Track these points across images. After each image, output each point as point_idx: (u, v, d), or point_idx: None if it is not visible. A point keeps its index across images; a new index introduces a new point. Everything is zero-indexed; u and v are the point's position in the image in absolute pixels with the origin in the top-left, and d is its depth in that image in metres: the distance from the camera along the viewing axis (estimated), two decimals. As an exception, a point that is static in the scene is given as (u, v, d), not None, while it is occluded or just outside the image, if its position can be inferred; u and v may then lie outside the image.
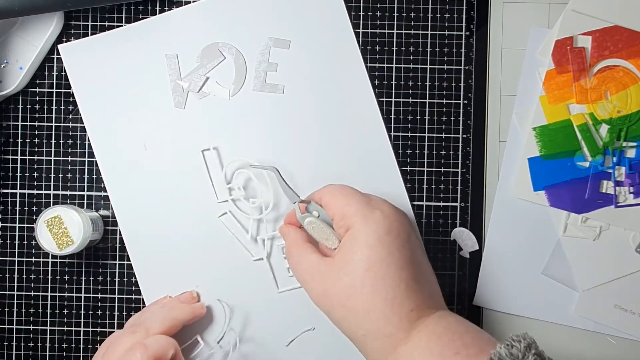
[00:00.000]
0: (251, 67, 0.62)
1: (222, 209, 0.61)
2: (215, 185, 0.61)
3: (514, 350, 0.45)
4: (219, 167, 0.61)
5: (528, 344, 0.46)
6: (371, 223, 0.51)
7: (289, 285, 0.61)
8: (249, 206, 0.61)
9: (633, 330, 0.61)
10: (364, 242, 0.50)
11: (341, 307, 0.51)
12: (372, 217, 0.51)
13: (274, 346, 0.61)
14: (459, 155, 0.62)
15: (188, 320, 0.59)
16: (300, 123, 0.62)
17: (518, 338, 0.46)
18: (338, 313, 0.51)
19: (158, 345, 0.54)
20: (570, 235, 0.61)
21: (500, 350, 0.45)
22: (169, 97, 0.62)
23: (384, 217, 0.51)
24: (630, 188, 0.60)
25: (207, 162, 0.61)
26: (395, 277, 0.50)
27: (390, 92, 0.62)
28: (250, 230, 0.61)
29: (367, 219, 0.51)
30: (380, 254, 0.50)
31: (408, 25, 0.62)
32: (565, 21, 0.60)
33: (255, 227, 0.61)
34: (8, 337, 0.62)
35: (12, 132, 0.63)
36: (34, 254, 0.62)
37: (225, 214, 0.61)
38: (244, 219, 0.61)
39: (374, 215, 0.51)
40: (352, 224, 0.51)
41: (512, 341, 0.46)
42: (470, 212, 0.62)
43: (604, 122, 0.60)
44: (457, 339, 0.48)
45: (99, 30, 0.62)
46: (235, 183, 0.61)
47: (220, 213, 0.61)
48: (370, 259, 0.50)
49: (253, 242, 0.61)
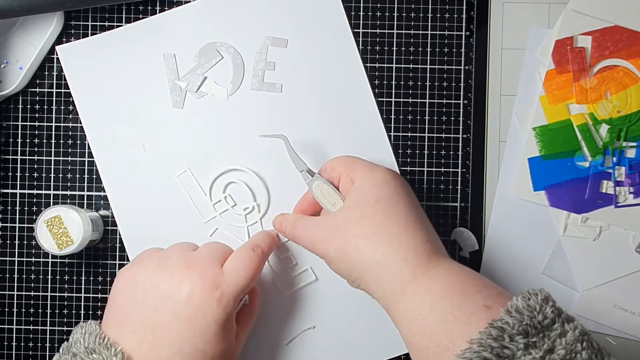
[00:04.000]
0: (249, 66, 0.62)
1: (214, 221, 0.62)
2: (198, 206, 0.61)
3: (531, 302, 0.44)
4: (198, 185, 0.62)
5: (545, 297, 0.45)
6: (377, 170, 0.53)
7: (295, 287, 0.61)
8: (239, 215, 0.61)
9: (633, 330, 0.60)
10: (372, 182, 0.52)
11: (353, 236, 0.50)
12: (377, 168, 0.53)
13: (274, 345, 0.61)
14: (459, 155, 0.62)
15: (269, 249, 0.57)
16: (298, 122, 0.62)
17: (534, 291, 0.45)
18: (351, 246, 0.50)
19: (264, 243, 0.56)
20: (570, 235, 0.61)
21: (517, 302, 0.44)
22: (167, 97, 0.62)
23: (388, 170, 0.54)
24: (630, 188, 0.60)
25: (184, 185, 0.62)
26: (405, 210, 0.51)
27: (390, 92, 0.62)
28: (247, 239, 0.61)
29: (373, 169, 0.53)
30: (389, 192, 0.51)
31: (408, 25, 0.62)
32: (565, 21, 0.60)
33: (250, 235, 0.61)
34: (8, 337, 0.62)
35: (12, 132, 0.63)
36: (34, 254, 0.62)
37: (217, 229, 0.62)
38: (236, 230, 0.62)
39: (379, 168, 0.53)
40: (358, 175, 0.53)
41: (529, 294, 0.45)
42: (470, 212, 0.62)
43: (604, 122, 0.60)
44: (476, 277, 0.48)
45: (98, 30, 0.62)
46: (218, 197, 0.61)
47: (211, 231, 0.62)
48: (379, 194, 0.51)
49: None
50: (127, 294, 0.51)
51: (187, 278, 0.51)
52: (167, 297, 0.50)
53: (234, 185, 0.61)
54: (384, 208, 0.50)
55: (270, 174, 0.62)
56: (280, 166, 0.61)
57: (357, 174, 0.53)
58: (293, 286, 0.61)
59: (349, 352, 0.61)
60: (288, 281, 0.61)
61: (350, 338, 0.61)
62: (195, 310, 0.50)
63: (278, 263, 0.61)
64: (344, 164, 0.55)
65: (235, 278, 0.52)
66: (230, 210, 0.61)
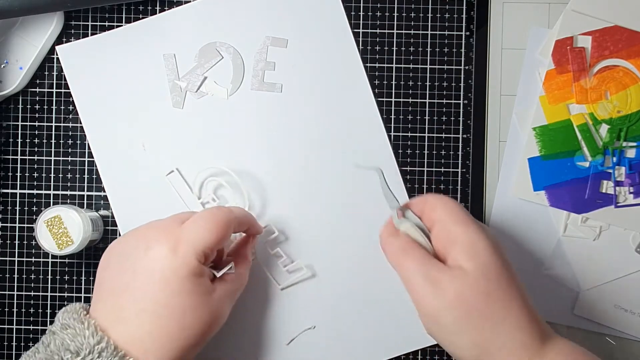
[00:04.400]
0: (249, 66, 0.62)
1: None
2: (189, 205, 0.61)
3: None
4: (186, 185, 0.62)
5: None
6: (480, 234, 0.50)
7: (288, 281, 0.61)
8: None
9: (633, 330, 0.60)
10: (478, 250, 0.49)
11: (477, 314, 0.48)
12: (479, 231, 0.50)
13: (274, 345, 0.61)
14: (459, 155, 0.62)
15: (242, 216, 0.56)
16: (298, 122, 0.62)
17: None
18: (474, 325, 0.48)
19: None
20: (570, 235, 0.61)
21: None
22: (167, 97, 0.62)
23: (489, 234, 0.51)
24: (630, 188, 0.60)
25: (174, 184, 0.61)
26: (520, 286, 0.49)
27: (390, 92, 0.62)
28: None
29: (474, 232, 0.50)
30: (497, 264, 0.49)
31: (408, 25, 0.62)
32: (565, 21, 0.60)
33: None
34: (8, 337, 0.62)
35: (12, 132, 0.63)
36: (34, 254, 0.62)
37: None
38: None
39: (481, 230, 0.50)
40: (457, 236, 0.50)
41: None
42: (470, 212, 0.62)
43: (604, 122, 0.60)
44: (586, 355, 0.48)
45: (98, 30, 0.62)
46: (206, 196, 0.61)
47: None
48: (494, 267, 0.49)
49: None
50: (102, 266, 0.52)
51: (146, 237, 0.51)
52: (129, 259, 0.50)
53: (223, 184, 0.61)
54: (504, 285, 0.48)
55: (271, 173, 0.61)
56: (280, 166, 0.61)
57: (455, 234, 0.50)
58: (292, 283, 0.61)
59: (349, 352, 0.61)
60: (286, 277, 0.61)
61: (350, 338, 0.61)
62: (153, 265, 0.49)
63: (270, 259, 0.61)
64: (440, 218, 0.51)
65: (193, 231, 0.51)
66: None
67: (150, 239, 0.51)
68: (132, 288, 0.49)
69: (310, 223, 0.61)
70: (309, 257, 0.61)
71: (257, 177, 0.61)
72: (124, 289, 0.50)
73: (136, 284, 0.49)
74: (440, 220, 0.52)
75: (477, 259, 0.49)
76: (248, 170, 0.61)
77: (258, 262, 0.61)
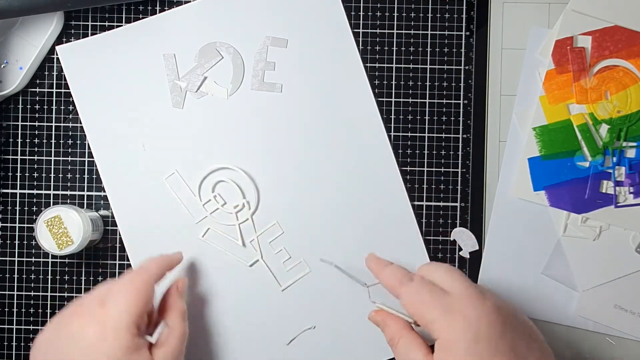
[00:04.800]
0: (249, 66, 0.62)
1: (206, 222, 0.62)
2: (189, 206, 0.61)
3: None
4: (187, 186, 0.62)
5: None
6: (456, 332, 0.48)
7: (290, 281, 0.61)
8: (229, 213, 0.61)
9: (633, 330, 0.60)
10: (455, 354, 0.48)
11: None
12: (455, 326, 0.49)
13: (274, 345, 0.61)
14: (459, 155, 0.62)
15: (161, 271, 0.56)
16: (298, 122, 0.62)
17: None
18: None
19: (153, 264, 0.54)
20: (570, 235, 0.61)
21: None
22: (167, 97, 0.62)
23: (469, 325, 0.48)
24: (630, 188, 0.60)
25: (173, 186, 0.61)
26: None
27: (390, 92, 0.62)
28: (239, 236, 0.61)
29: (451, 328, 0.49)
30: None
31: (408, 25, 0.62)
32: (565, 21, 0.60)
33: (242, 232, 0.61)
34: (8, 337, 0.62)
35: (12, 132, 0.63)
36: (34, 254, 0.62)
37: (209, 229, 0.61)
38: (228, 229, 0.62)
39: (457, 324, 0.49)
40: (437, 334, 0.49)
41: None
42: (470, 212, 0.62)
43: (604, 122, 0.60)
44: None
45: (98, 30, 0.62)
46: (207, 196, 0.61)
47: (203, 231, 0.62)
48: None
49: (243, 247, 0.61)
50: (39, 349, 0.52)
51: (71, 329, 0.50)
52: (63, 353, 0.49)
53: (225, 184, 0.61)
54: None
55: (270, 173, 0.61)
56: (280, 165, 0.61)
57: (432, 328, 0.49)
58: (294, 280, 0.61)
59: (349, 352, 0.61)
60: (287, 277, 0.61)
61: (350, 338, 0.61)
62: (88, 356, 0.49)
63: (272, 259, 0.61)
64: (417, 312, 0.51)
65: (116, 309, 0.50)
66: (220, 209, 0.61)
67: (75, 331, 0.50)
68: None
69: (310, 223, 0.61)
70: (309, 257, 0.61)
71: (256, 176, 0.61)
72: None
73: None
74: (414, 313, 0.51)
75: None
76: (247, 169, 0.61)
77: (260, 262, 0.61)
